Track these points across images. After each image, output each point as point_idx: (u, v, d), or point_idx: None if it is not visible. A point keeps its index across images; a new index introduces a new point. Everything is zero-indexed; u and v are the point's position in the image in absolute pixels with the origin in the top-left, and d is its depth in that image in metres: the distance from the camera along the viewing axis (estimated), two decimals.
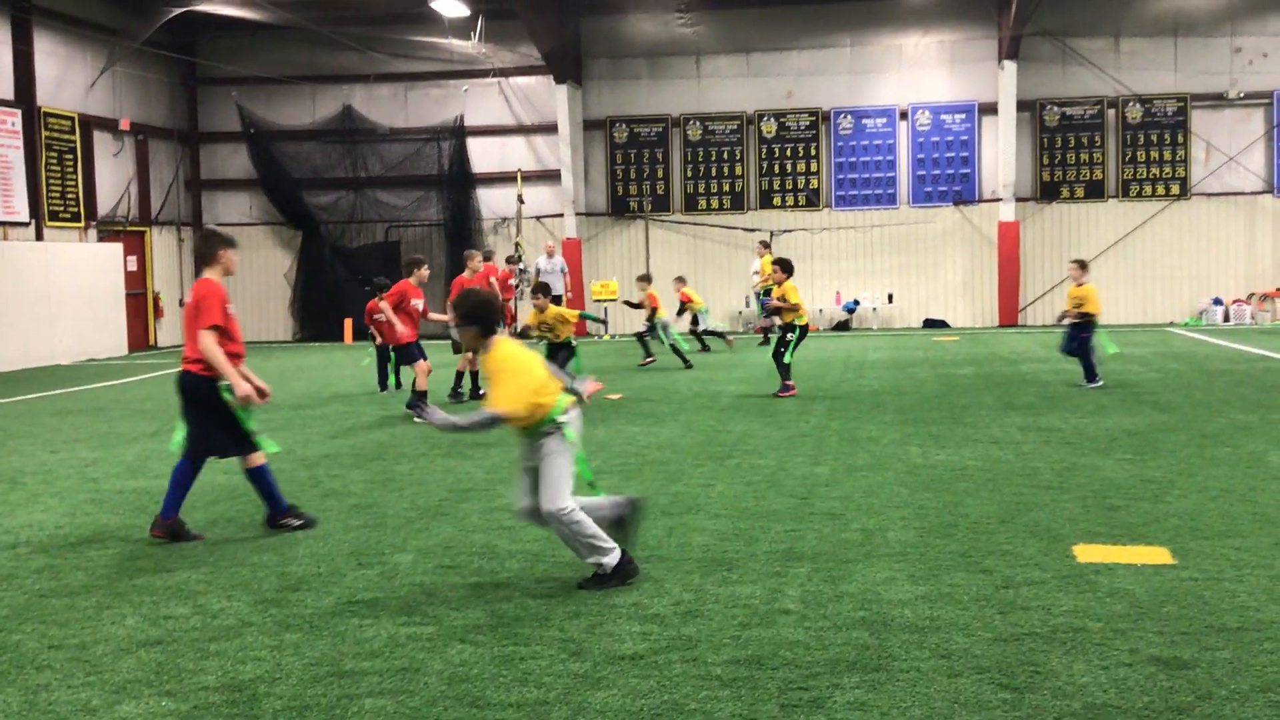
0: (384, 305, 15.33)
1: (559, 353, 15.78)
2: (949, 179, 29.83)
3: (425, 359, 15.03)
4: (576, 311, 17.62)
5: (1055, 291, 29.41)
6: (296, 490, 10.02)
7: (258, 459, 8.50)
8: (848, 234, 29.99)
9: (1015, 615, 6.08)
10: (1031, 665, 5.37)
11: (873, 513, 8.55)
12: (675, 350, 20.64)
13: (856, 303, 29.78)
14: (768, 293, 25.51)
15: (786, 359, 15.78)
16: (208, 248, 8.53)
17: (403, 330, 15.08)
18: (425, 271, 15.49)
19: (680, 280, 24.58)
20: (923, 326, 29.77)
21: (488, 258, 21.68)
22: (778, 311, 16.06)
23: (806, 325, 15.99)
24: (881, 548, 7.53)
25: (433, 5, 28.05)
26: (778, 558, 7.34)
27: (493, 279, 21.17)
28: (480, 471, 10.69)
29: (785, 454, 11.18)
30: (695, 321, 24.09)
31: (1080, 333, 16.00)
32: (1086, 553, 7.26)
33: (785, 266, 16.19)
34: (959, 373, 18.22)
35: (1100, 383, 15.88)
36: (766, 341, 25.46)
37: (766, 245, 26.53)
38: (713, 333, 24.43)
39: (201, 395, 8.24)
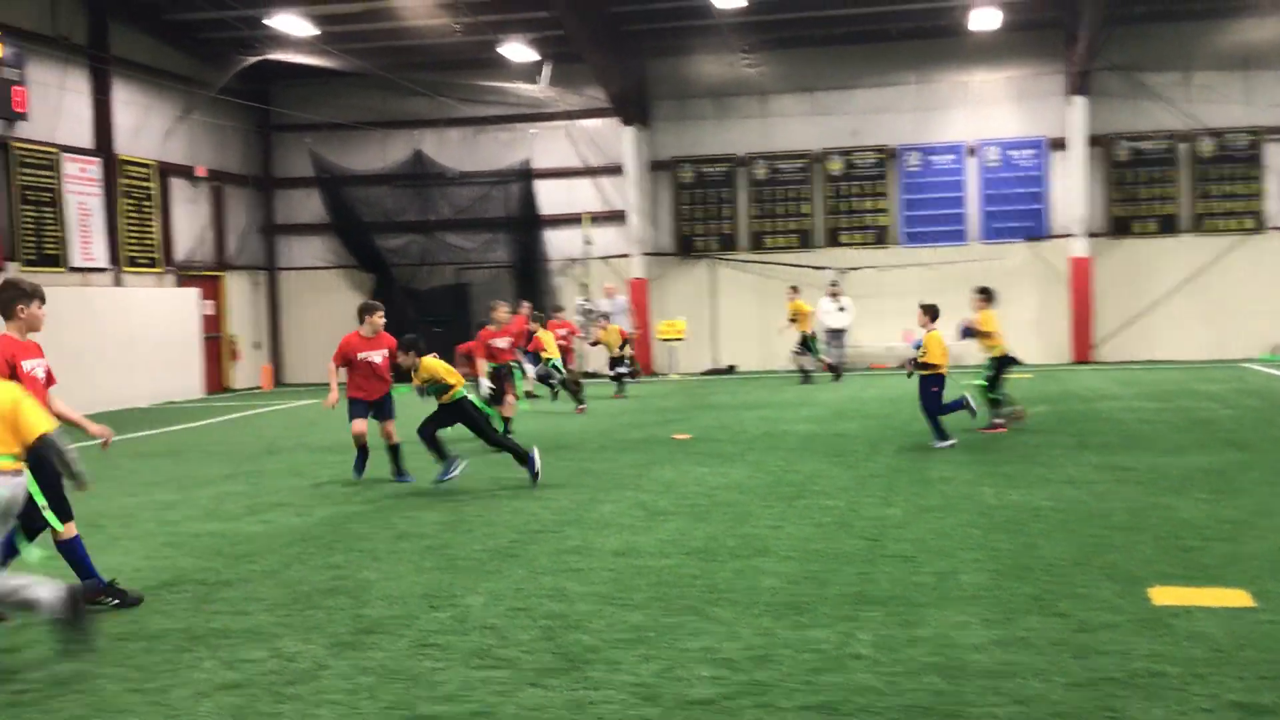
0: (329, 367, 13.33)
1: (452, 416, 12.59)
2: (1019, 215, 29.58)
3: (362, 419, 13.20)
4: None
5: (1129, 328, 29.06)
6: (370, 532, 10.12)
7: (69, 530, 7.58)
8: (917, 271, 29.79)
9: (1091, 660, 6.00)
10: (1109, 711, 5.29)
11: (945, 555, 8.46)
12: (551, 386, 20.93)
13: None
14: (810, 337, 25.71)
15: (994, 394, 15.64)
16: (3, 301, 7.56)
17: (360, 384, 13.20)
18: (379, 319, 13.24)
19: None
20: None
21: (522, 309, 21.62)
22: (973, 335, 15.86)
23: (1005, 355, 15.76)
24: (954, 591, 7.45)
25: (501, 51, 28.46)
26: (849, 601, 7.29)
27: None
28: (548, 513, 10.73)
29: (855, 495, 11.12)
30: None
31: (930, 386, 14.26)
32: (1163, 595, 7.14)
33: (988, 296, 16.06)
34: (1032, 410, 17.97)
35: (952, 442, 14.02)
36: (838, 377, 25.42)
37: (796, 290, 26.72)
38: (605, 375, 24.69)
39: None
